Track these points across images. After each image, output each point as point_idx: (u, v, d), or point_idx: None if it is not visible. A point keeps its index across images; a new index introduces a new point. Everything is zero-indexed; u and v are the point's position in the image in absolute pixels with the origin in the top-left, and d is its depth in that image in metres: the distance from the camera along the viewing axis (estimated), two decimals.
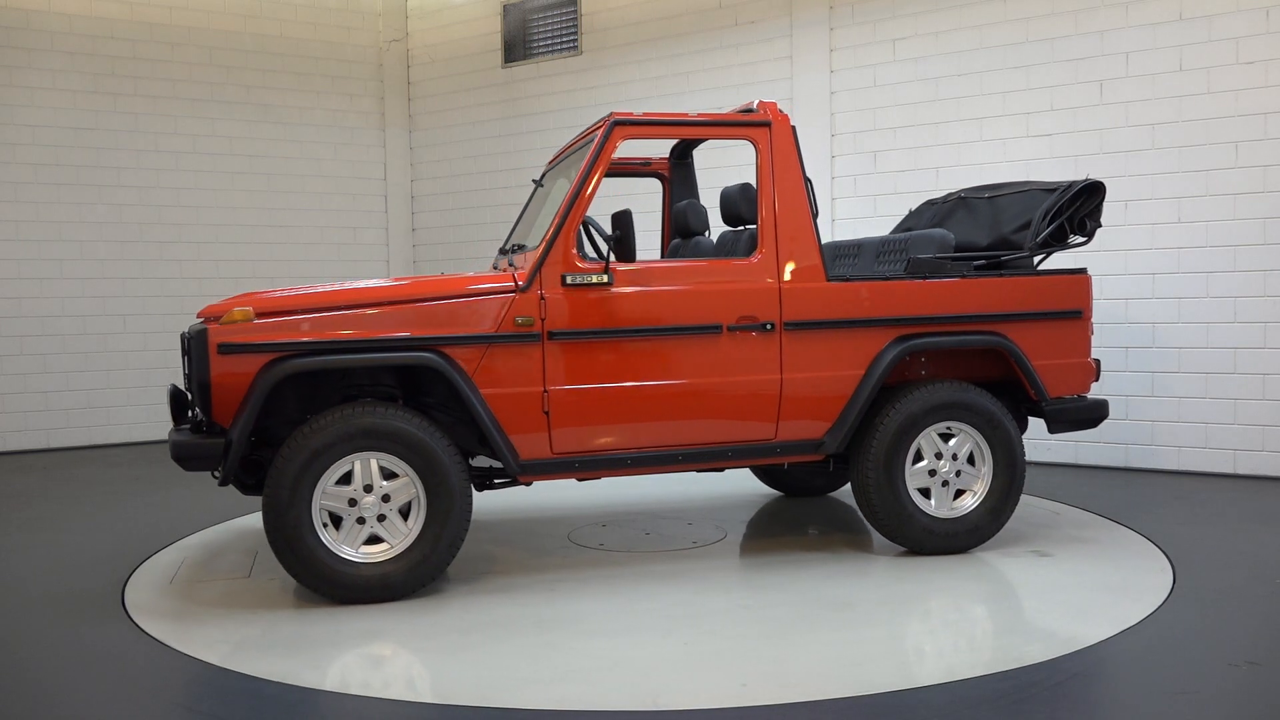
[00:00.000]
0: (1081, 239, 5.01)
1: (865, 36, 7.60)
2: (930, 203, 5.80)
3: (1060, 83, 6.89)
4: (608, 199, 8.36)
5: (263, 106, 9.52)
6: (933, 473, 4.65)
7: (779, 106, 4.71)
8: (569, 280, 4.28)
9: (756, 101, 4.69)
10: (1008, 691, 3.13)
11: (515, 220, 5.52)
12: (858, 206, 7.68)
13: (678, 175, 5.74)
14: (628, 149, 5.93)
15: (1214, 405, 6.49)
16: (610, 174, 5.65)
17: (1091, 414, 4.87)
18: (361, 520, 4.12)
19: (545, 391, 4.27)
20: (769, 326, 4.47)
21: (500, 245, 5.78)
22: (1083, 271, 4.89)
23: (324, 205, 9.82)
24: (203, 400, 4.07)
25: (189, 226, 9.20)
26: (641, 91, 8.60)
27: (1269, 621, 3.74)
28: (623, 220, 4.20)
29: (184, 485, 6.87)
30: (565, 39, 9.15)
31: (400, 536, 4.15)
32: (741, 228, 5.05)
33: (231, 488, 4.55)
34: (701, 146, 6.18)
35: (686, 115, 4.64)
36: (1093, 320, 4.93)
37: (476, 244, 9.61)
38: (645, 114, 4.53)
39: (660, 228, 5.93)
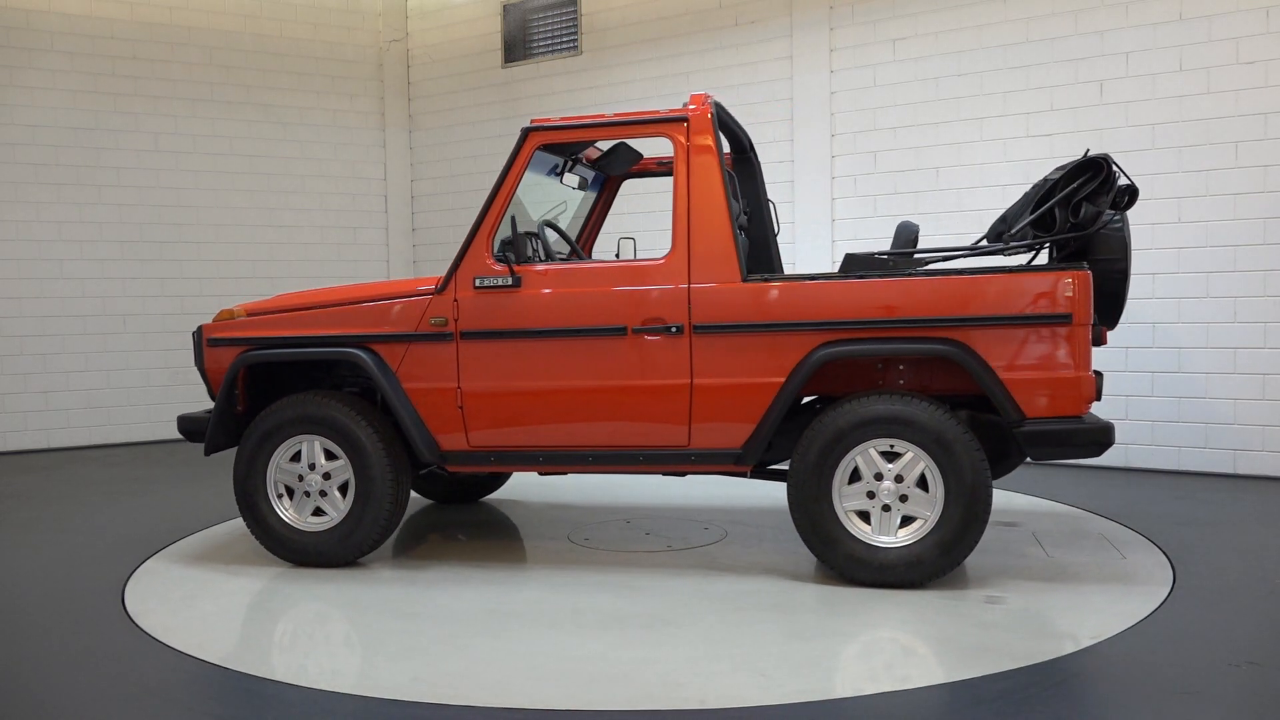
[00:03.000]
0: (1079, 229, 4.20)
1: (865, 36, 7.60)
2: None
3: (1060, 83, 6.89)
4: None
5: (263, 107, 9.52)
6: (871, 495, 4.16)
7: (708, 100, 4.44)
8: (479, 283, 4.51)
9: (689, 95, 4.60)
10: (1008, 691, 3.13)
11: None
12: (858, 206, 7.68)
13: (741, 171, 5.48)
14: None
15: (1214, 405, 6.49)
16: (669, 173, 5.58)
17: (1084, 440, 4.02)
18: (307, 494, 4.68)
19: (459, 388, 4.53)
20: (675, 329, 4.30)
21: None
22: (1080, 267, 4.04)
23: (324, 205, 9.82)
24: (206, 384, 4.93)
25: (189, 226, 9.20)
26: (641, 91, 8.60)
27: (1269, 621, 3.74)
28: (510, 225, 4.44)
29: (184, 485, 6.87)
30: (565, 39, 9.15)
31: (337, 512, 4.65)
32: None
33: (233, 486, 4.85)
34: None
35: (602, 117, 4.53)
36: (1092, 326, 4.09)
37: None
38: (562, 119, 4.56)
39: None
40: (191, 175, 9.20)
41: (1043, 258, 4.97)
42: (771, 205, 5.47)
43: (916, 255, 4.51)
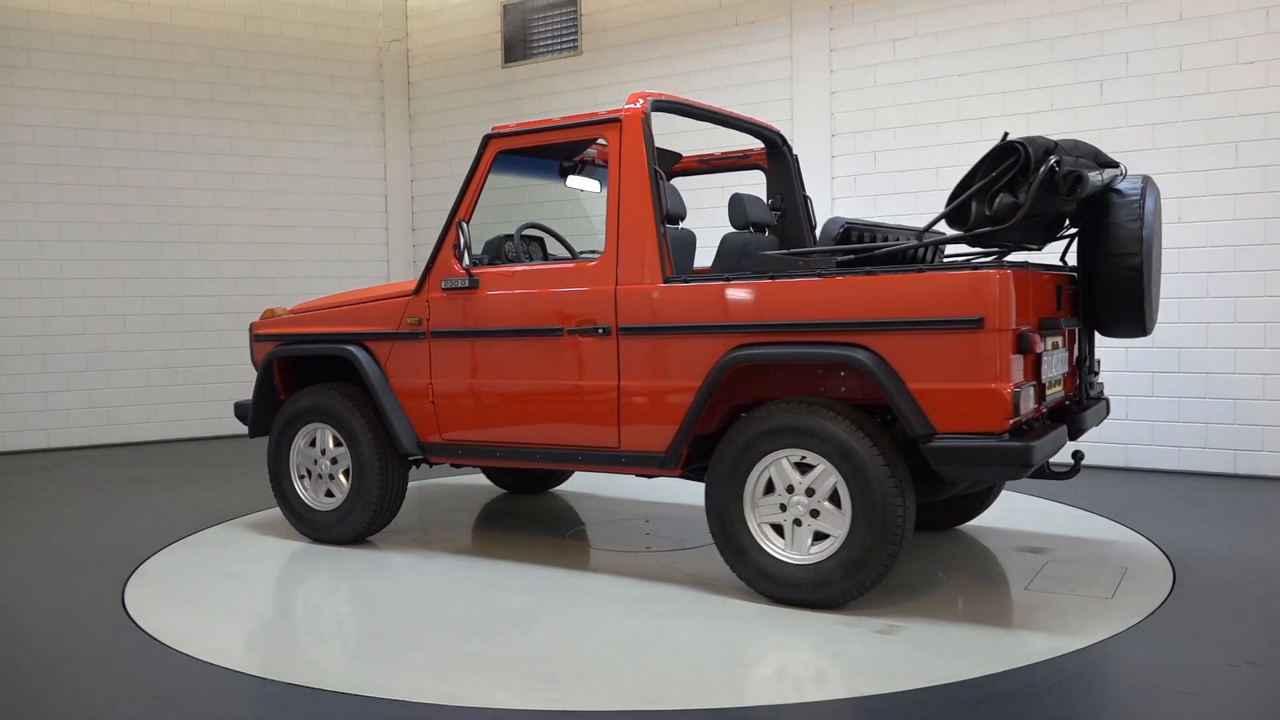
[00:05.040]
0: (995, 223, 3.75)
1: (865, 36, 7.60)
2: None
3: (1060, 83, 6.89)
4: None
5: (263, 106, 9.53)
6: (784, 507, 3.94)
7: (644, 101, 4.35)
8: (445, 284, 4.78)
9: (628, 95, 4.62)
10: (1008, 691, 3.13)
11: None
12: (858, 206, 7.67)
13: (774, 166, 5.46)
14: (724, 142, 5.84)
15: (1214, 405, 6.49)
16: (712, 169, 5.72)
17: (995, 459, 3.52)
18: (320, 476, 5.16)
19: (430, 383, 4.82)
20: (603, 330, 4.31)
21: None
22: (1000, 266, 3.54)
23: (324, 205, 9.83)
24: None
25: (189, 226, 9.21)
26: (641, 91, 8.59)
27: (1269, 621, 3.74)
28: (460, 230, 4.66)
29: (184, 485, 6.87)
30: (565, 39, 9.15)
31: (341, 494, 5.10)
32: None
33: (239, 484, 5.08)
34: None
35: (551, 121, 4.58)
36: (1012, 331, 3.54)
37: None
38: (518, 124, 4.67)
39: None
40: (191, 175, 9.21)
41: (1039, 253, 4.98)
42: (808, 201, 5.47)
43: (835, 253, 4.08)
